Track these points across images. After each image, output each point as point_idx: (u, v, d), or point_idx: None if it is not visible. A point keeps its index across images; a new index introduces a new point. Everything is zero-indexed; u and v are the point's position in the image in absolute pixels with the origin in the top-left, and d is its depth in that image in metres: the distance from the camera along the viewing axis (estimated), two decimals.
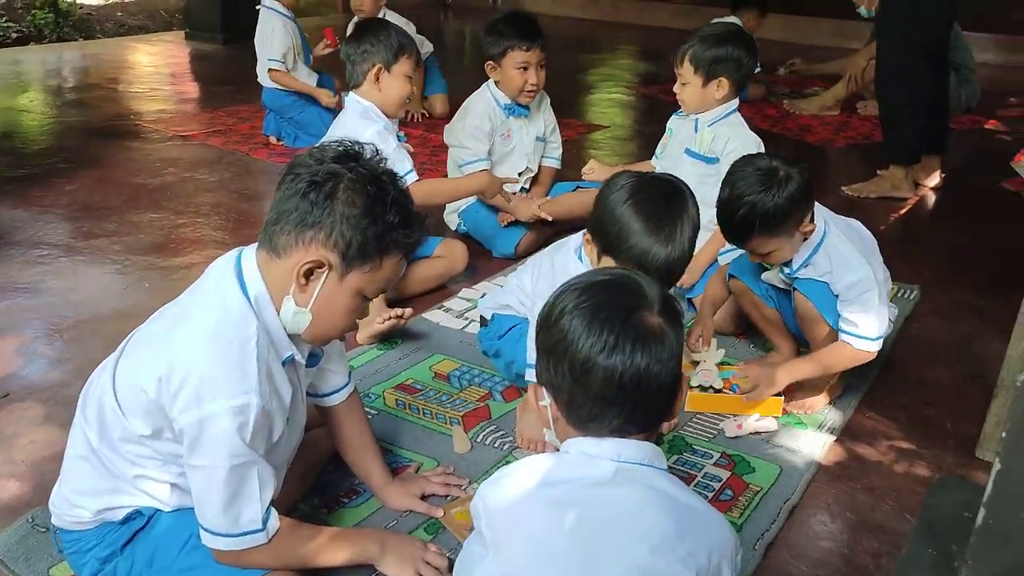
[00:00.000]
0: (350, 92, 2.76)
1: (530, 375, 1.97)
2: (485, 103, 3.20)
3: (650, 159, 3.20)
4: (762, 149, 2.78)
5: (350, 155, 1.50)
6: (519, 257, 3.17)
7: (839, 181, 4.24)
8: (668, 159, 2.93)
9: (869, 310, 2.11)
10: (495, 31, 3.14)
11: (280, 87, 4.38)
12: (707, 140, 2.76)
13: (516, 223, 3.18)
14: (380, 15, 4.62)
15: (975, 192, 4.24)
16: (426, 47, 5.00)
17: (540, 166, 3.42)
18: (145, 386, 1.43)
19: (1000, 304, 3.00)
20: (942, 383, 2.51)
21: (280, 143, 4.45)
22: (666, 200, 1.80)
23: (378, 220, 1.45)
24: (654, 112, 5.71)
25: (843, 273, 2.13)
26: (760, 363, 2.27)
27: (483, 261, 3.15)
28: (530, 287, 2.11)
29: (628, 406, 1.24)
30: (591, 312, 1.25)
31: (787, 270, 2.22)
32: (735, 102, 2.79)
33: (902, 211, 3.94)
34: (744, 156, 2.18)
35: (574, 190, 3.36)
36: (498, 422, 2.19)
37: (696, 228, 1.83)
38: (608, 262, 1.81)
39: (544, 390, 1.32)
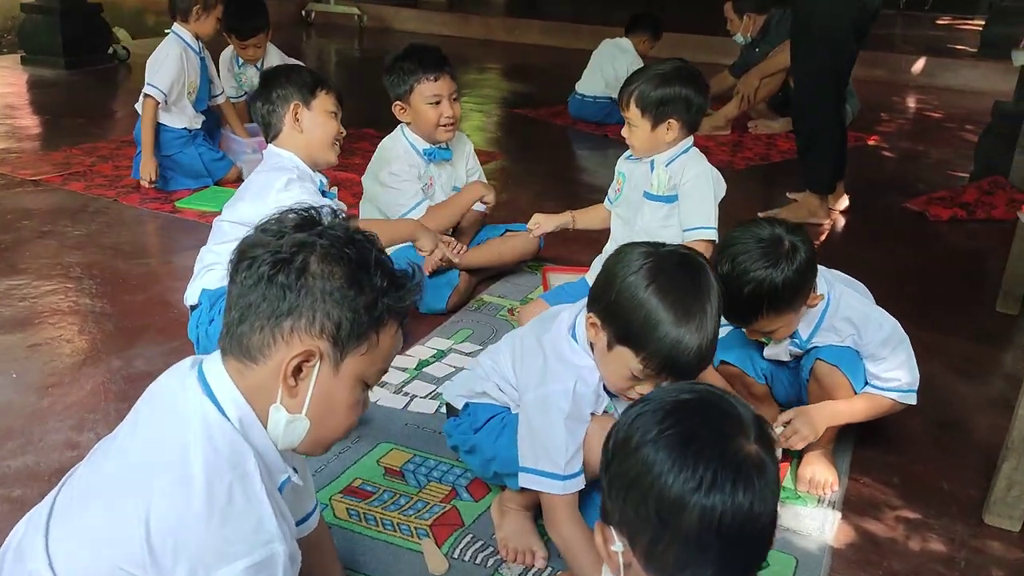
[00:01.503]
0: (268, 145, 2.42)
1: (529, 480, 1.69)
2: (405, 150, 2.90)
3: (584, 202, 2.98)
4: (722, 182, 2.60)
5: (311, 220, 1.23)
6: (450, 312, 2.87)
7: (753, 206, 4.15)
8: (625, 205, 2.68)
9: (905, 362, 1.99)
10: (396, 68, 2.87)
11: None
12: (664, 180, 2.54)
13: (441, 272, 2.86)
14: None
15: (883, 214, 4.25)
16: None
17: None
18: (118, 559, 1.09)
19: (941, 335, 2.94)
20: (919, 435, 2.38)
21: (152, 186, 3.95)
22: (691, 280, 1.57)
23: (365, 288, 1.19)
24: (548, 136, 5.52)
25: (871, 332, 1.98)
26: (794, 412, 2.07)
27: (411, 321, 2.79)
28: (511, 372, 1.83)
29: (725, 554, 1.03)
30: (682, 441, 1.04)
31: (797, 341, 2.03)
32: (689, 140, 2.58)
33: (821, 238, 3.88)
34: (741, 225, 1.96)
35: (502, 234, 3.09)
36: (473, 529, 1.89)
37: (722, 305, 1.60)
38: (624, 352, 1.57)
39: (615, 531, 1.10)
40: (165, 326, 2.73)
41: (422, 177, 2.90)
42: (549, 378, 1.68)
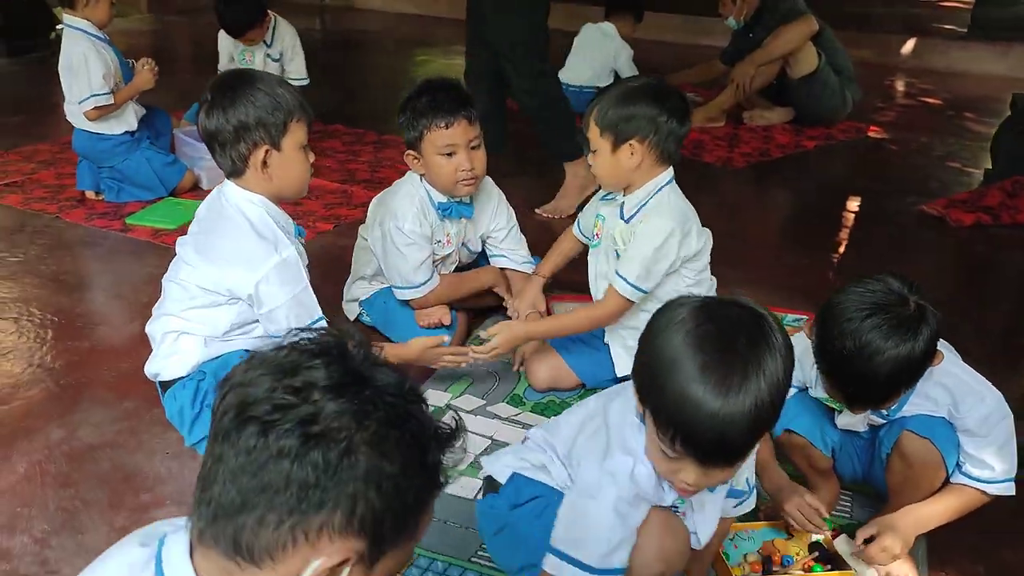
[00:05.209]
0: (227, 181, 2.02)
1: (554, 565, 1.42)
2: (420, 202, 2.44)
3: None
4: (688, 243, 2.17)
5: (351, 375, 0.91)
6: None
7: (756, 208, 3.82)
8: (603, 257, 2.31)
9: (1005, 444, 1.68)
10: (408, 108, 2.38)
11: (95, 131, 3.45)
12: (628, 238, 2.19)
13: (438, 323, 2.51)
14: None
15: (899, 219, 3.92)
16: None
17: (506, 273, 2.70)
18: None
19: (992, 371, 2.64)
20: (994, 501, 2.05)
21: (100, 198, 3.53)
22: (743, 334, 1.23)
23: (419, 472, 0.93)
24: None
25: (971, 404, 1.67)
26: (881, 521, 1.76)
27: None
28: (568, 449, 1.54)
29: None
30: None
31: (882, 410, 1.72)
32: (663, 175, 2.17)
33: (840, 250, 3.56)
34: (845, 289, 1.60)
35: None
36: None
37: (777, 379, 1.22)
38: (649, 419, 1.31)
39: None
40: (116, 382, 2.34)
41: (436, 233, 2.49)
42: (608, 456, 1.41)
